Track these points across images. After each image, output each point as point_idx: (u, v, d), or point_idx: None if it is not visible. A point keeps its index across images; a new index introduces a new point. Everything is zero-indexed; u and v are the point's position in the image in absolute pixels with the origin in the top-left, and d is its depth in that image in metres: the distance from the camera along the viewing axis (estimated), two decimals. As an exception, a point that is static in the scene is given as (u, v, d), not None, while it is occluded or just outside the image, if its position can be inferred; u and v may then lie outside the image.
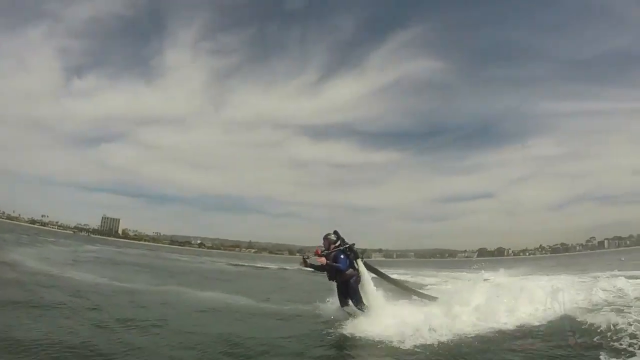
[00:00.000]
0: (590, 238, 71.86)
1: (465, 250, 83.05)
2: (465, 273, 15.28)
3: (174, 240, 79.22)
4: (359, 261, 6.63)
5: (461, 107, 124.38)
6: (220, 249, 77.54)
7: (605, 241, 68.55)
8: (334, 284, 6.48)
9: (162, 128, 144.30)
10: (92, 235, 69.37)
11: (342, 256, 6.36)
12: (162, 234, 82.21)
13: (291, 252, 78.28)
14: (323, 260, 6.17)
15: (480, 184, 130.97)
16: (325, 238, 6.72)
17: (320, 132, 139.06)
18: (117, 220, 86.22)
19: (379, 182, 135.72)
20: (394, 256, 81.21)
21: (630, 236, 66.76)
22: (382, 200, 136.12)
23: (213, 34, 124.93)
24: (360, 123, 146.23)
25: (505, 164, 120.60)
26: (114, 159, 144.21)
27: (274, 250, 78.86)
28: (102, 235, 73.95)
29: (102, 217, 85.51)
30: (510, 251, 76.27)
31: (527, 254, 72.95)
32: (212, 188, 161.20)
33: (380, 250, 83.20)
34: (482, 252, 78.23)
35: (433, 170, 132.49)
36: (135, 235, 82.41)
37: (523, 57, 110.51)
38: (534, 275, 10.64)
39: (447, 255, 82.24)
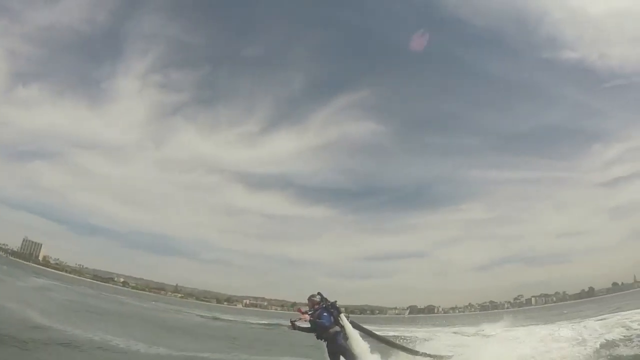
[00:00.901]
0: (518, 296, 75.41)
1: (396, 308, 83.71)
2: (442, 328, 16.28)
3: (96, 276, 74.11)
4: (342, 316, 7.54)
5: (397, 170, 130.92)
6: (145, 290, 72.57)
7: (533, 298, 72.62)
8: (324, 344, 7.32)
9: (99, 155, 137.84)
10: (11, 258, 63.99)
11: (325, 313, 7.22)
12: (84, 267, 76.97)
13: (219, 300, 75.87)
14: (306, 317, 7.00)
15: (411, 244, 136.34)
16: (310, 299, 7.58)
17: (257, 182, 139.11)
18: (39, 245, 78.58)
19: (312, 236, 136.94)
20: None
21: (557, 293, 71.06)
22: (314, 254, 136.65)
23: (165, 69, 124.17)
24: (298, 177, 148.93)
25: (437, 225, 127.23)
26: (43, 179, 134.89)
27: (201, 296, 76.04)
28: (21, 259, 68.84)
29: (24, 240, 78.44)
30: (440, 309, 78.63)
31: (457, 311, 75.28)
32: (141, 225, 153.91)
33: None
34: (413, 310, 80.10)
35: (366, 229, 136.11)
36: (57, 264, 75.94)
37: (458, 127, 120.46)
38: (533, 326, 11.86)
39: (377, 312, 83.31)
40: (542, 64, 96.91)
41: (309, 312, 6.88)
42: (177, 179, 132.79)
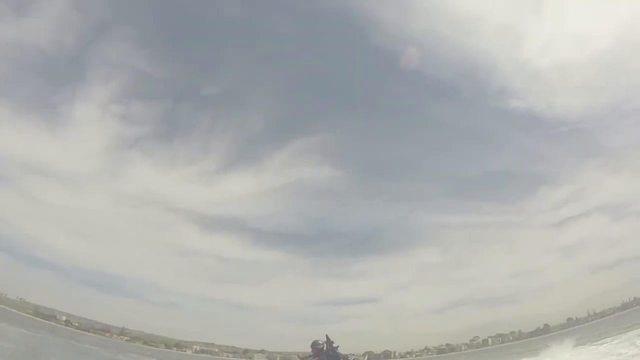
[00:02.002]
0: (475, 337, 74.85)
1: (353, 354, 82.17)
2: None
3: (38, 312, 68.93)
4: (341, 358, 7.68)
5: (351, 215, 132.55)
6: (89, 331, 67.89)
7: (489, 339, 72.80)
8: None
9: (51, 182, 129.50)
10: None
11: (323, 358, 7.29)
12: (25, 301, 71.26)
13: (167, 345, 71.59)
14: None
15: (366, 289, 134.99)
16: (313, 346, 7.96)
17: (211, 223, 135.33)
18: (-24, 275, 71.83)
19: (266, 280, 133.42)
20: (278, 358, 79.31)
21: (512, 332, 71.91)
22: (267, 299, 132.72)
23: (127, 100, 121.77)
24: (253, 220, 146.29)
25: (390, 270, 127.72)
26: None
27: (149, 340, 72.22)
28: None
29: (-42, 267, 71.84)
30: (397, 353, 78.22)
31: (414, 355, 75.29)
32: (88, 261, 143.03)
33: (262, 351, 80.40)
34: (370, 356, 79.38)
35: (320, 274, 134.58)
36: (-5, 294, 68.73)
37: (412, 173, 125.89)
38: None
39: None
40: (492, 113, 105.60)
41: (309, 358, 7.44)
42: (130, 215, 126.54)
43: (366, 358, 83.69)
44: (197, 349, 73.10)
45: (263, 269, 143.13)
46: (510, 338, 71.92)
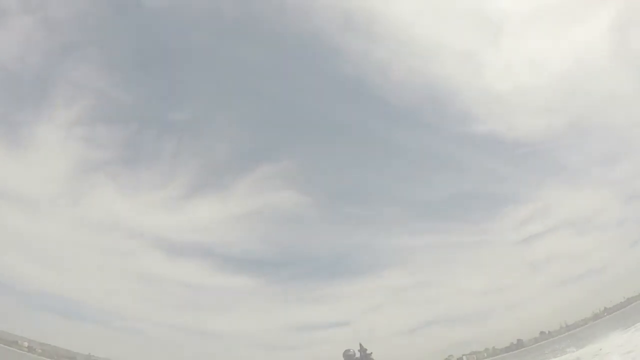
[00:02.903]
0: (449, 356, 73.65)
1: None
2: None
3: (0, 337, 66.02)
4: None
5: (319, 240, 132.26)
6: (53, 357, 65.18)
7: (464, 357, 72.53)
8: None
9: (9, 205, 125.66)
10: None
11: None
12: None
13: None
14: None
15: (336, 313, 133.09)
16: (345, 355, 8.18)
17: (176, 249, 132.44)
18: None
19: (234, 307, 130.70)
20: None
21: (487, 349, 72.04)
22: (235, 325, 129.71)
23: (92, 122, 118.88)
24: (219, 246, 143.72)
25: (361, 293, 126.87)
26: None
27: None
28: None
29: None
30: None
31: None
32: (50, 286, 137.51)
33: None
34: None
35: (289, 299, 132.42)
36: (-48, 321, 65.29)
37: (378, 197, 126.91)
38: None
39: None
40: (455, 137, 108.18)
41: None
42: (93, 240, 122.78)
43: None
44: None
45: (230, 295, 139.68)
46: (485, 355, 72.08)
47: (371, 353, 7.55)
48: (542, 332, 66.80)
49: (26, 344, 71.87)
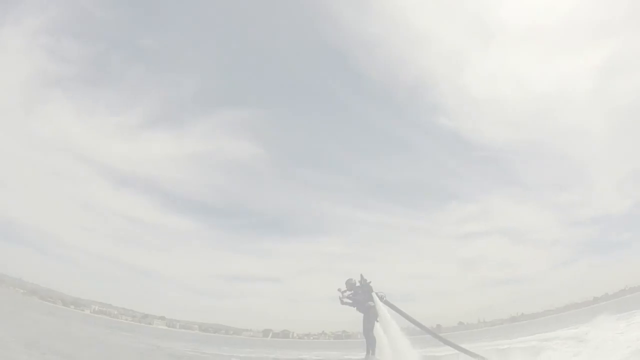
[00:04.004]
0: None
1: (250, 330, 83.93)
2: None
3: None
4: (374, 295, 9.34)
5: (267, 195, 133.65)
6: None
7: None
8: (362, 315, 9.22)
9: None
10: None
11: (360, 292, 9.09)
12: None
13: (65, 303, 68.69)
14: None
15: (270, 268, 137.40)
16: (348, 283, 9.62)
17: (124, 180, 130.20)
18: None
19: (172, 247, 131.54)
20: (177, 326, 78.56)
21: (407, 327, 77.18)
22: (171, 266, 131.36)
23: (58, 35, 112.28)
24: (167, 183, 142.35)
25: (297, 254, 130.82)
26: None
27: (46, 296, 69.00)
28: None
29: None
30: (295, 334, 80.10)
31: (311, 337, 78.04)
32: None
33: (162, 318, 79.32)
34: (267, 333, 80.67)
35: (226, 247, 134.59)
36: None
37: (334, 166, 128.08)
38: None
39: (231, 332, 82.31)
40: (422, 125, 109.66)
41: (346, 292, 8.98)
42: (39, 158, 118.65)
43: (262, 334, 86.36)
44: (96, 309, 70.89)
45: (170, 235, 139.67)
46: (404, 333, 75.77)
47: (370, 282, 8.77)
48: (460, 323, 69.90)
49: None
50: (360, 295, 9.14)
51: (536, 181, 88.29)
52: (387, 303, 9.53)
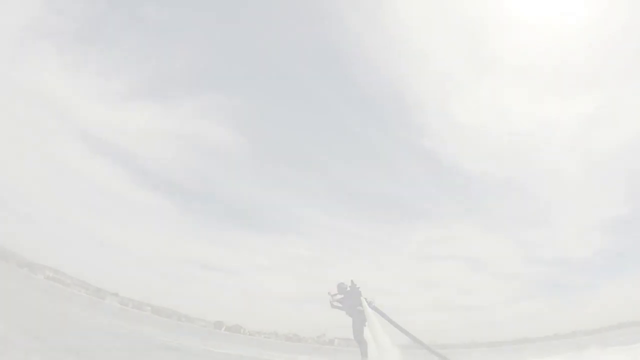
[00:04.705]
0: (322, 334, 77.96)
1: (203, 320, 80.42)
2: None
3: None
4: (362, 300, 9.58)
5: (241, 186, 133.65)
6: None
7: (335, 339, 75.50)
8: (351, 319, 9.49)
9: None
10: None
11: (349, 296, 9.33)
12: None
13: (20, 264, 64.21)
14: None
15: (230, 260, 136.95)
16: (339, 287, 9.89)
17: (99, 147, 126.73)
18: None
19: (134, 223, 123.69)
20: (130, 305, 76.13)
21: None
22: (131, 242, 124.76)
23: None
24: (142, 157, 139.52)
25: (259, 250, 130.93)
26: None
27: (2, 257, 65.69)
28: None
29: None
30: (246, 330, 79.15)
31: (262, 336, 77.18)
32: None
33: (116, 294, 75.88)
34: (219, 325, 79.55)
35: (190, 231, 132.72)
36: None
37: (311, 167, 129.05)
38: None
39: (184, 319, 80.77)
40: (401, 141, 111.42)
41: (337, 295, 9.40)
42: (15, 110, 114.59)
43: (213, 326, 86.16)
44: (50, 275, 69.17)
45: (135, 210, 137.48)
46: (354, 343, 76.26)
47: (359, 287, 9.07)
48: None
49: None
50: (350, 299, 10.17)
51: (504, 215, 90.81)
52: (375, 309, 10.08)
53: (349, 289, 9.78)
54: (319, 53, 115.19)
